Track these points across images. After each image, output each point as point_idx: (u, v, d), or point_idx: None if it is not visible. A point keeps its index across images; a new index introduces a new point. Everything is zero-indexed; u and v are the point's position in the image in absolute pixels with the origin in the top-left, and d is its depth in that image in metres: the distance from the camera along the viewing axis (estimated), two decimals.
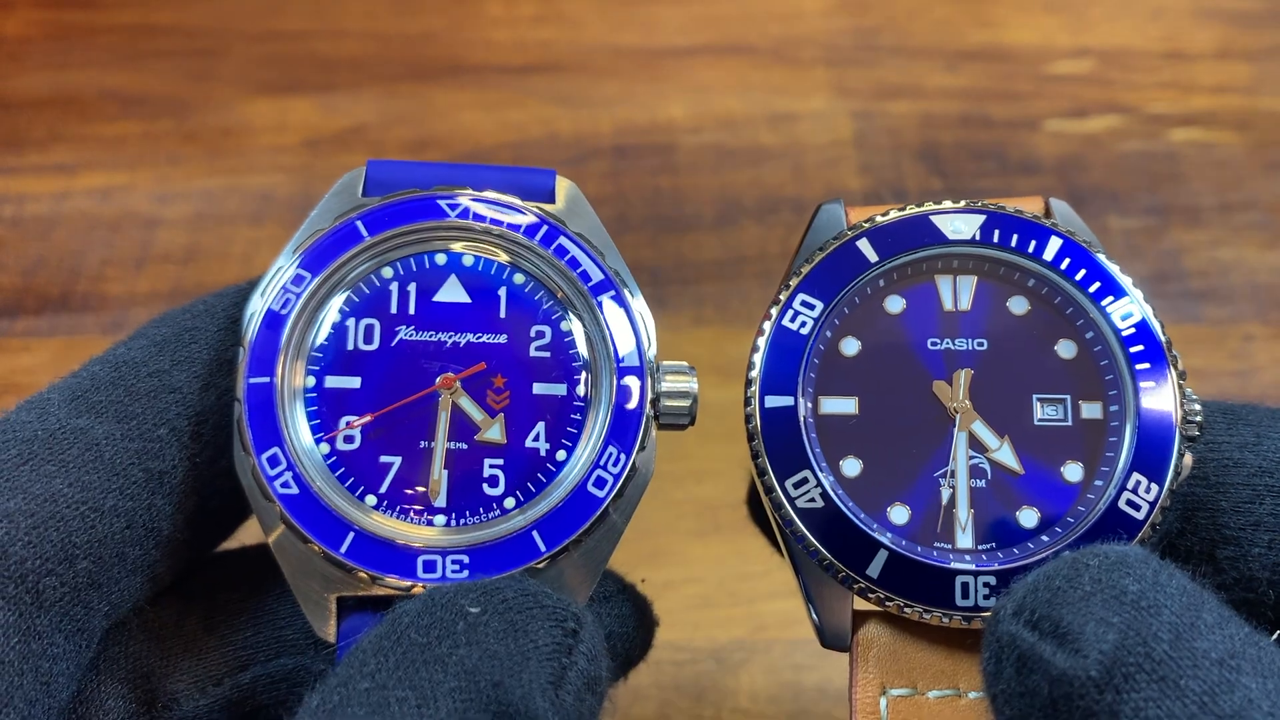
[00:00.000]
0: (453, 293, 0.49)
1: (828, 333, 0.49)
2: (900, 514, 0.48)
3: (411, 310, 0.49)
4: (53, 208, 0.89)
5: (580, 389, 0.48)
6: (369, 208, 0.49)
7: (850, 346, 0.50)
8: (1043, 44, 1.00)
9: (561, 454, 0.48)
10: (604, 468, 0.47)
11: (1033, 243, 0.50)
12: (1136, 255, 0.89)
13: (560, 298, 0.49)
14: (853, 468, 0.48)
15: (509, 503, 0.47)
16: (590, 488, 0.46)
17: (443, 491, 0.47)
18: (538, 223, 0.49)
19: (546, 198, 0.51)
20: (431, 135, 0.94)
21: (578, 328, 0.49)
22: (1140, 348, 0.48)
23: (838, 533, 0.46)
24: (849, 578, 0.46)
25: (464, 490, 0.47)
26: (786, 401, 0.48)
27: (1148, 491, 0.46)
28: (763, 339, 0.49)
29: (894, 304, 0.50)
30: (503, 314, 0.49)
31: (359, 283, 0.49)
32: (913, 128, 0.95)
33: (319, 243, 0.48)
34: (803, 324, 0.49)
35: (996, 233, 0.50)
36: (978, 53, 1.00)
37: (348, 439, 0.47)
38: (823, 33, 1.01)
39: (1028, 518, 0.47)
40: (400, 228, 0.49)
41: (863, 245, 0.50)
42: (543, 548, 0.46)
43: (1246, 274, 0.88)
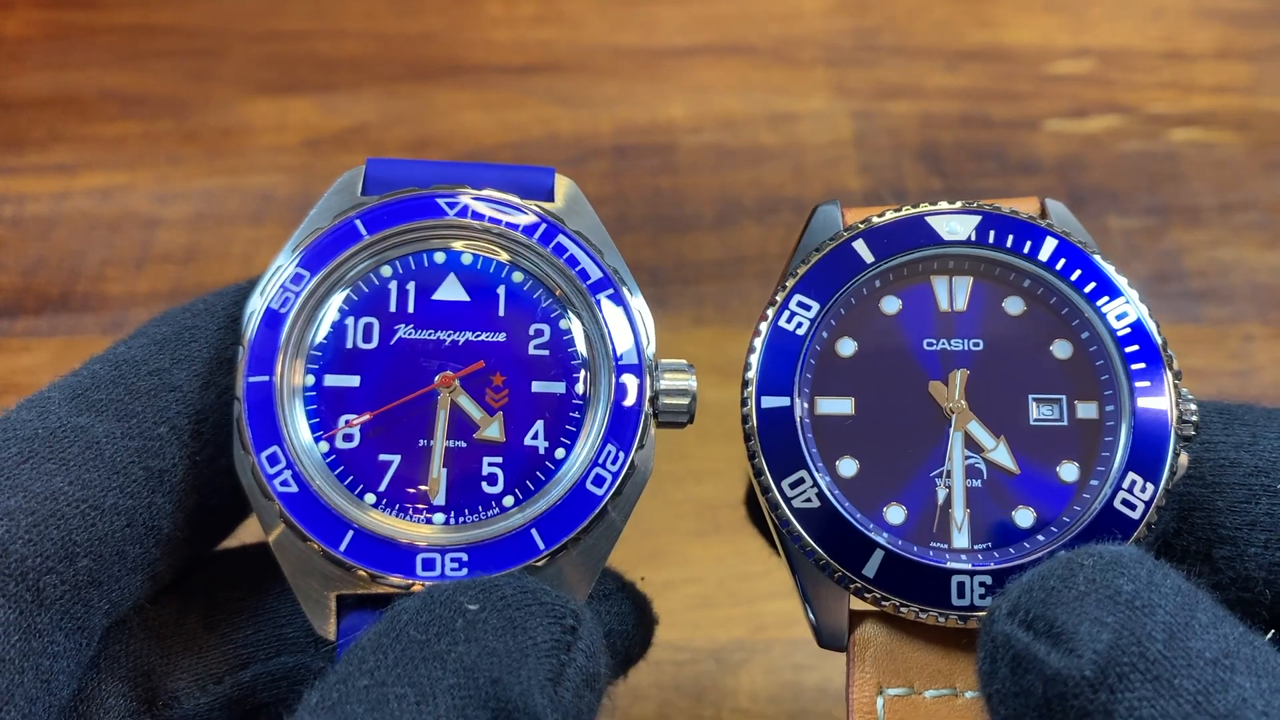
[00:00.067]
0: (452, 291, 0.49)
1: (824, 333, 0.50)
2: (896, 514, 0.48)
3: (410, 309, 0.49)
4: (53, 208, 0.89)
5: (579, 387, 0.48)
6: (368, 206, 0.49)
7: (846, 347, 0.50)
8: (1043, 44, 1.00)
9: (560, 452, 0.48)
10: (603, 466, 0.47)
11: (1028, 243, 0.50)
12: (1136, 255, 0.88)
13: (559, 296, 0.49)
14: (849, 468, 0.48)
15: (508, 501, 0.47)
16: (589, 486, 0.46)
17: (442, 490, 0.47)
18: (537, 221, 0.49)
19: (545, 196, 0.51)
20: (431, 135, 0.94)
21: (576, 326, 0.49)
22: (1135, 348, 0.48)
23: (834, 533, 0.47)
24: (845, 577, 0.46)
25: (463, 488, 0.47)
26: (783, 402, 0.48)
27: (1143, 491, 0.46)
28: (759, 340, 0.49)
29: (890, 305, 0.50)
30: (501, 312, 0.49)
31: (358, 281, 0.49)
32: (913, 128, 0.95)
33: (318, 241, 0.48)
34: (799, 325, 0.49)
35: (992, 233, 0.50)
36: (978, 53, 1.00)
37: (347, 437, 0.47)
38: (823, 33, 1.01)
39: (1023, 517, 0.47)
40: (399, 226, 0.49)
41: (859, 246, 0.50)
42: (541, 545, 0.46)
43: (1246, 274, 0.88)
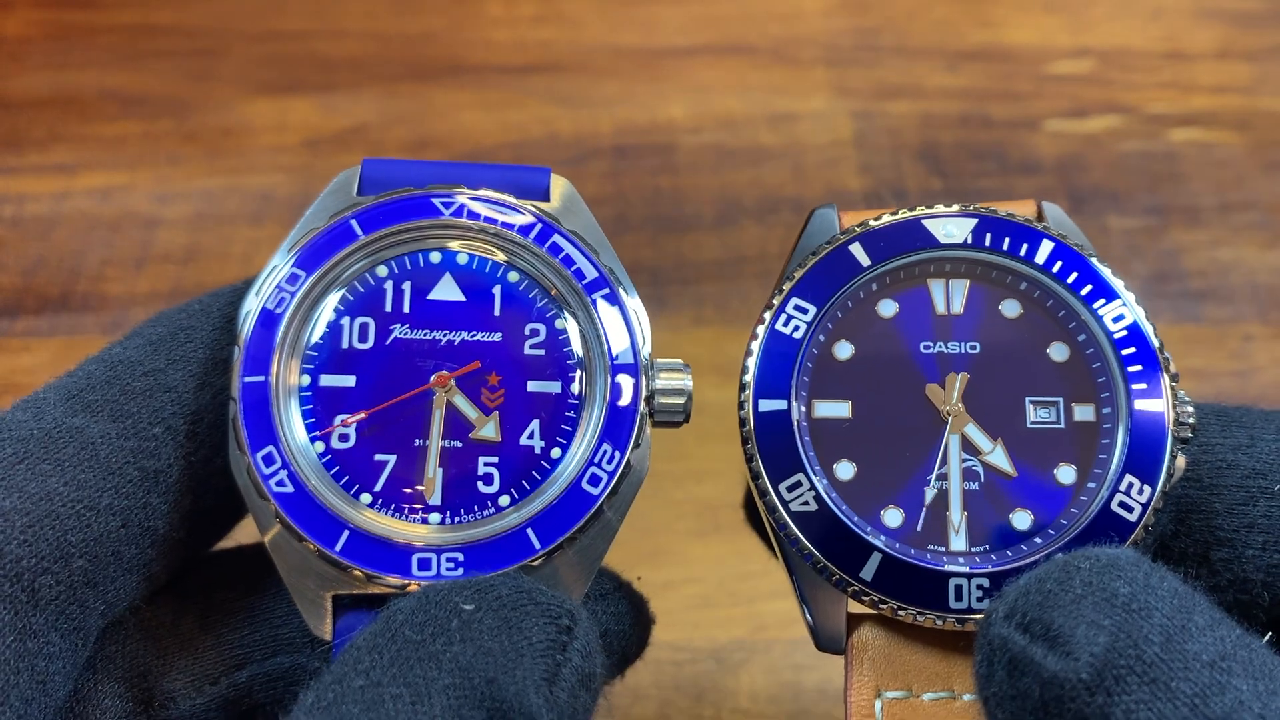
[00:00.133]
0: (447, 291, 0.49)
1: (821, 336, 0.49)
2: (894, 517, 0.48)
3: (406, 309, 0.49)
4: (53, 208, 0.89)
5: (575, 387, 0.48)
6: (364, 206, 0.49)
7: (843, 350, 0.50)
8: (1043, 44, 1.00)
9: (556, 452, 0.48)
10: (598, 465, 0.47)
11: (1024, 246, 0.49)
12: (1136, 255, 0.88)
13: (555, 296, 0.49)
14: (846, 471, 0.48)
15: (504, 500, 0.47)
16: (585, 485, 0.46)
17: (437, 489, 0.47)
18: (532, 221, 0.49)
19: (541, 196, 0.51)
20: (431, 135, 0.94)
21: (572, 326, 0.49)
22: (1132, 350, 0.48)
23: (832, 536, 0.47)
24: (843, 580, 0.46)
25: (459, 488, 0.47)
26: (780, 405, 0.48)
27: (1140, 493, 0.46)
28: (756, 343, 0.49)
29: (887, 308, 0.50)
30: (497, 312, 0.49)
31: (354, 281, 0.49)
32: (913, 128, 0.95)
33: (314, 241, 0.48)
34: (796, 328, 0.49)
35: (988, 236, 0.50)
36: (978, 53, 0.99)
37: (342, 437, 0.47)
38: (823, 33, 1.01)
39: (1021, 520, 0.47)
40: (395, 226, 0.49)
41: (855, 249, 0.50)
42: (537, 545, 0.46)
43: (1246, 274, 0.88)
